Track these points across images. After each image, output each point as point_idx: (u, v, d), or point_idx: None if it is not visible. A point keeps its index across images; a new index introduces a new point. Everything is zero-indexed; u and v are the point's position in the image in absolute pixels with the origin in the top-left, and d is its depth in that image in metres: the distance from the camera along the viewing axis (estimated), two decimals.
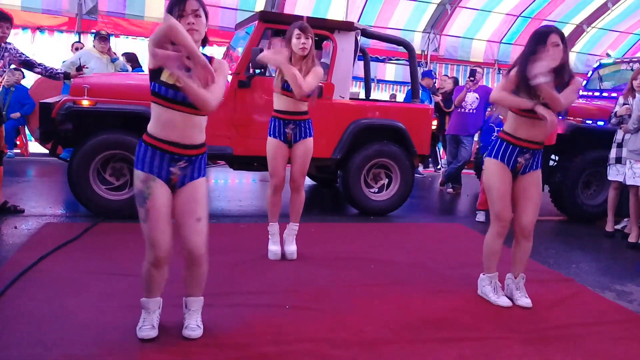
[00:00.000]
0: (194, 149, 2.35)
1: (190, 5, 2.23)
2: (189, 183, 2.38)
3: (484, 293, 3.27)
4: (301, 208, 3.86)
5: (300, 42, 3.49)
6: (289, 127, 3.69)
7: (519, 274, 3.24)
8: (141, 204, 2.29)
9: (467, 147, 7.01)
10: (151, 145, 2.28)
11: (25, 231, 4.17)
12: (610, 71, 7.22)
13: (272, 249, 3.85)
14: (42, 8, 8.38)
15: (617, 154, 5.08)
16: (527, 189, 3.09)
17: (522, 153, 3.03)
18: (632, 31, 11.59)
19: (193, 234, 2.39)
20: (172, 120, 2.26)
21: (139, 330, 2.45)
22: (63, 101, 4.53)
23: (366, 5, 9.88)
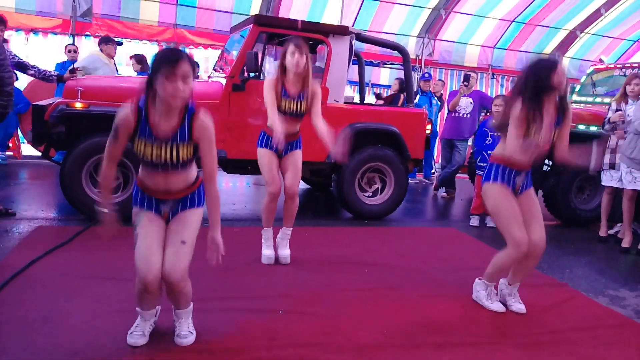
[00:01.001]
0: (183, 192, 2.40)
1: (182, 69, 2.09)
2: (182, 212, 2.42)
3: (478, 298, 3.26)
4: (295, 213, 3.86)
5: (294, 60, 3.47)
6: (288, 144, 3.70)
7: (514, 282, 3.22)
8: (134, 230, 2.36)
9: (461, 151, 7.02)
10: (141, 189, 2.39)
11: (16, 234, 4.13)
12: (604, 77, 7.26)
13: (265, 253, 3.84)
14: (36, 10, 8.33)
15: (610, 160, 5.10)
16: (530, 207, 3.06)
17: (518, 174, 3.04)
18: (625, 37, 11.66)
19: (171, 255, 2.32)
20: (155, 177, 2.34)
21: (130, 335, 2.44)
22: (56, 104, 4.50)
23: (361, 9, 9.89)
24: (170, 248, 2.34)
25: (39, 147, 5.00)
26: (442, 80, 8.97)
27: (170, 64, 2.08)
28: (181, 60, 2.09)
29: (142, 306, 2.45)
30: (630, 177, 4.75)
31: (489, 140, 5.48)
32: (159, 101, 2.19)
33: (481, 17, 10.60)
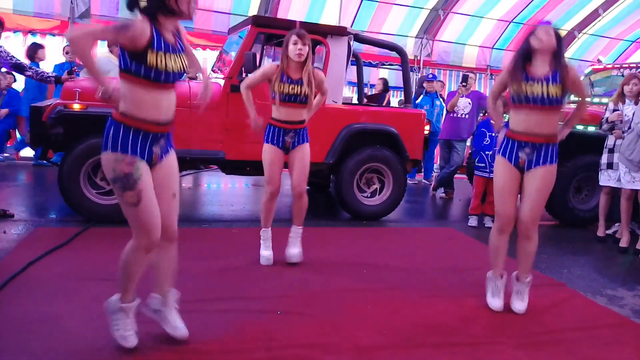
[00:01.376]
0: (170, 125, 2.35)
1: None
2: (166, 158, 2.37)
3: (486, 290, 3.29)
4: (304, 212, 3.84)
5: (296, 49, 3.50)
6: (289, 135, 3.70)
7: (521, 275, 3.20)
8: (131, 187, 2.19)
9: (459, 152, 7.03)
10: (132, 127, 2.20)
11: (14, 236, 4.13)
12: (602, 77, 7.28)
13: (264, 254, 3.83)
14: (34, 11, 8.33)
15: (608, 160, 5.10)
16: (529, 185, 3.04)
17: (521, 147, 3.01)
18: (623, 37, 11.69)
19: (171, 212, 2.39)
20: (158, 100, 2.25)
21: (125, 339, 2.35)
22: (54, 105, 4.50)
23: (359, 10, 9.91)
24: (166, 202, 2.35)
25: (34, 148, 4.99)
26: (441, 81, 8.97)
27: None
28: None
29: (128, 292, 2.36)
30: (629, 176, 4.76)
31: (487, 140, 5.49)
32: (164, 16, 2.26)
33: (479, 17, 10.63)
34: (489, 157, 5.46)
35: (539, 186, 3.02)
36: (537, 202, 3.06)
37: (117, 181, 2.21)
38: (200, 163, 5.20)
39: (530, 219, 3.07)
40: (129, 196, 2.21)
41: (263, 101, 5.00)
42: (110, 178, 2.24)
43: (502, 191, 3.10)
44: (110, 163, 2.21)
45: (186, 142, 4.86)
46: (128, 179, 2.19)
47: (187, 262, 3.65)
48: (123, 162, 2.19)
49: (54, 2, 8.43)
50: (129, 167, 2.20)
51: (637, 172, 4.67)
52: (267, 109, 3.75)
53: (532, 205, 3.05)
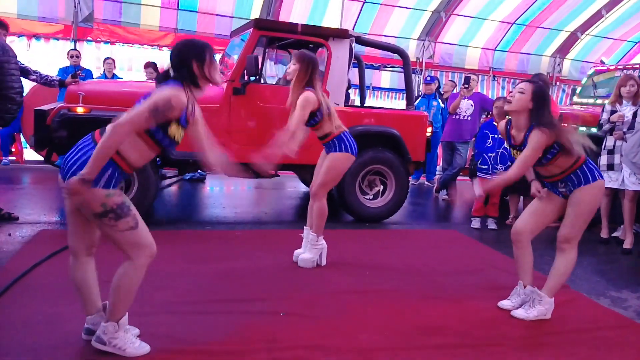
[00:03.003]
0: None
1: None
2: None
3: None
4: (317, 218, 3.85)
5: (287, 68, 3.68)
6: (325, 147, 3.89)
7: (527, 284, 3.21)
8: (126, 214, 2.27)
9: (462, 153, 7.02)
10: (124, 170, 2.30)
11: (19, 238, 4.15)
12: (605, 78, 7.26)
13: (296, 252, 3.95)
14: (38, 16, 8.38)
15: (608, 161, 5.09)
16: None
17: (552, 186, 3.10)
18: (626, 38, 11.65)
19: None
20: (152, 156, 2.41)
21: (137, 349, 2.36)
22: (58, 108, 4.52)
23: (361, 12, 9.92)
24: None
25: (42, 152, 5.03)
26: (453, 81, 8.96)
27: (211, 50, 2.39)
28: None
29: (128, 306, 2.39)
30: (634, 178, 4.74)
31: (489, 142, 5.49)
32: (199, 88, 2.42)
33: (482, 19, 10.62)
34: (492, 158, 5.46)
35: (572, 208, 3.05)
36: (571, 219, 3.08)
37: (109, 213, 2.23)
38: (203, 166, 5.21)
39: (562, 234, 3.12)
40: (125, 222, 2.27)
41: (264, 103, 5.04)
42: (97, 213, 2.22)
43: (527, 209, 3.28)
44: (100, 199, 2.21)
45: (189, 145, 4.86)
46: (122, 208, 2.26)
47: (190, 265, 3.68)
48: (114, 195, 2.26)
49: (58, 7, 8.48)
50: (119, 198, 2.27)
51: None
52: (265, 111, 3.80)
53: (567, 222, 3.10)
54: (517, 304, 3.20)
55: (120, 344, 2.33)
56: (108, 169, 2.23)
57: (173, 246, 4.11)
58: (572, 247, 3.10)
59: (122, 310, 2.34)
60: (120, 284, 2.31)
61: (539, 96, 2.91)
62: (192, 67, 2.33)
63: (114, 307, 2.32)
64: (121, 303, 2.33)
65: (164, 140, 2.31)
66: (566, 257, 3.10)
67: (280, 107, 4.40)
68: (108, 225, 2.25)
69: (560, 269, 3.12)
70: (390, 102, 10.91)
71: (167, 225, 4.82)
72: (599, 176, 2.99)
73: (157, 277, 3.32)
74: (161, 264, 3.57)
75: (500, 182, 3.12)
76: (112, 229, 2.26)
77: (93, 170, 2.15)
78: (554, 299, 3.14)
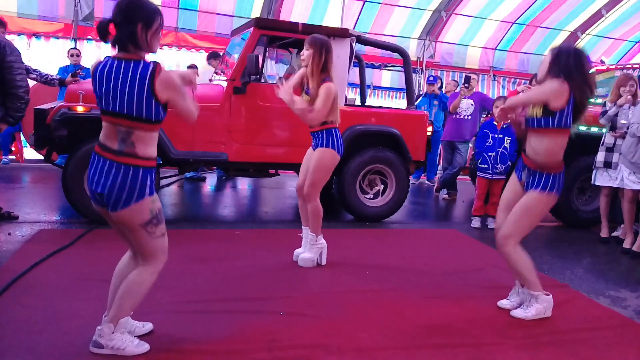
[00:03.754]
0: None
1: None
2: None
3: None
4: (313, 217, 3.82)
5: (300, 55, 3.60)
6: (313, 139, 3.80)
7: (523, 284, 3.18)
8: (161, 221, 2.31)
9: (462, 153, 7.03)
10: (154, 168, 2.30)
11: (19, 237, 4.15)
12: (605, 78, 7.26)
13: (295, 252, 3.93)
14: (38, 14, 8.38)
15: (606, 158, 5.08)
16: (519, 202, 3.04)
17: (523, 167, 3.09)
18: (626, 38, 11.67)
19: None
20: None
21: (137, 346, 2.36)
22: (58, 107, 4.52)
23: (362, 12, 9.93)
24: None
25: (42, 151, 5.03)
26: (456, 80, 8.97)
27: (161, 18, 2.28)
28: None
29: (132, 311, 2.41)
30: (634, 177, 4.73)
31: (489, 142, 5.49)
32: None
33: (482, 19, 10.62)
34: (492, 158, 5.46)
35: (521, 204, 3.02)
36: (513, 218, 3.04)
37: (154, 219, 2.27)
38: (203, 165, 5.22)
39: (502, 234, 3.07)
40: (162, 228, 2.32)
41: (264, 102, 5.04)
42: (145, 221, 2.23)
43: (501, 200, 3.28)
44: (148, 206, 2.24)
45: (189, 144, 4.89)
46: (161, 213, 2.30)
47: (190, 264, 3.68)
48: (157, 200, 2.29)
49: (58, 5, 8.49)
50: (159, 203, 2.30)
51: None
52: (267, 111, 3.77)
53: (510, 219, 3.05)
54: (516, 304, 3.20)
55: (118, 344, 2.32)
56: (147, 177, 2.23)
57: (173, 245, 4.07)
58: (512, 247, 3.04)
59: (126, 313, 2.34)
60: (132, 288, 2.31)
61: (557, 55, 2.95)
62: (137, 29, 2.14)
63: (120, 310, 2.32)
64: (127, 306, 2.33)
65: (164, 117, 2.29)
66: (512, 258, 3.06)
67: (280, 106, 4.40)
68: (147, 232, 2.25)
69: (515, 268, 3.11)
70: (391, 102, 10.92)
71: (167, 225, 4.79)
72: (557, 193, 2.99)
73: (158, 276, 3.32)
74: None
75: (506, 105, 3.06)
76: (150, 235, 2.26)
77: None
78: (551, 296, 3.14)
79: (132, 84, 2.13)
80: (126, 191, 2.17)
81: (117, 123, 2.19)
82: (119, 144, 2.19)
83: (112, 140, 2.21)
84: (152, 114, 2.18)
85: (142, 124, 2.19)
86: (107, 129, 2.23)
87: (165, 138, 4.73)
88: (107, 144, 2.21)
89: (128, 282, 2.32)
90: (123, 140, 2.20)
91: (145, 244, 2.29)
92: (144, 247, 2.30)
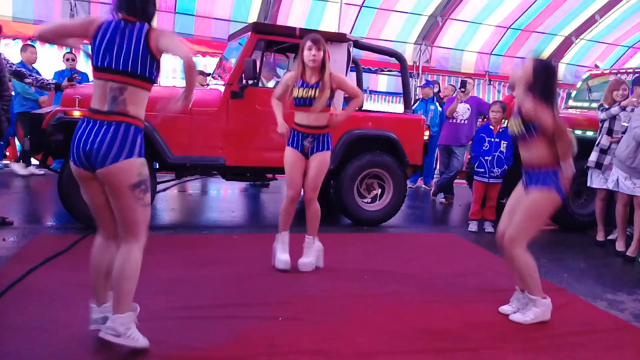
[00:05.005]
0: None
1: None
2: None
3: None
4: (316, 220, 3.85)
5: (311, 54, 3.55)
6: (307, 139, 3.71)
7: (523, 289, 3.19)
8: (148, 189, 2.33)
9: (459, 157, 7.04)
10: (143, 130, 2.36)
11: (14, 243, 4.12)
12: (599, 82, 7.31)
13: (282, 258, 3.79)
14: (34, 18, 8.35)
15: (598, 159, 5.12)
16: (521, 205, 3.10)
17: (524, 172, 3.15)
18: (620, 43, 11.74)
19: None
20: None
21: (138, 340, 2.35)
22: (54, 112, 4.50)
23: (358, 17, 9.94)
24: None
25: (37, 156, 5.01)
26: (452, 85, 8.99)
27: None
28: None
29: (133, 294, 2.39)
30: (629, 182, 4.75)
31: (486, 146, 5.51)
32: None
33: (477, 24, 10.67)
34: (488, 162, 5.48)
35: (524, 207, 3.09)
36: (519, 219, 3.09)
37: (142, 184, 2.28)
38: (200, 169, 5.20)
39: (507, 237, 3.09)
40: (148, 197, 2.33)
41: (262, 107, 5.03)
42: (133, 183, 2.25)
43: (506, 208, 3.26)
44: (137, 167, 2.27)
45: (186, 148, 4.87)
46: (149, 180, 2.32)
47: (188, 269, 3.67)
48: (146, 165, 2.31)
49: (54, 9, 8.47)
50: (147, 169, 2.33)
51: (639, 178, 4.67)
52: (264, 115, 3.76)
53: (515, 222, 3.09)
54: (516, 309, 3.20)
55: (135, 334, 2.33)
56: (137, 136, 2.27)
57: (171, 251, 4.10)
58: (519, 249, 3.04)
59: (131, 297, 2.33)
60: (127, 272, 2.29)
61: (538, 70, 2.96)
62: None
63: (123, 296, 2.29)
64: (129, 290, 2.31)
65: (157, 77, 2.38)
66: (517, 262, 3.07)
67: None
68: (136, 199, 2.26)
69: (520, 272, 3.11)
70: (387, 106, 10.94)
71: (164, 230, 4.80)
72: (558, 192, 3.00)
73: (155, 282, 3.31)
74: (159, 269, 3.57)
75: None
76: (137, 202, 2.27)
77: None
78: (549, 300, 3.13)
79: (130, 41, 2.24)
80: (116, 146, 2.20)
81: (111, 79, 2.24)
82: (108, 104, 2.24)
83: (102, 103, 2.26)
84: (147, 71, 2.27)
85: (136, 81, 2.25)
86: (99, 89, 2.27)
87: (162, 142, 4.72)
88: (97, 107, 2.27)
89: (120, 267, 2.29)
90: (114, 99, 2.24)
91: (132, 212, 2.28)
92: (131, 216, 2.28)
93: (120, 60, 2.22)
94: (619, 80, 5.20)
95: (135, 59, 2.24)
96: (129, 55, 2.23)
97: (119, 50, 2.23)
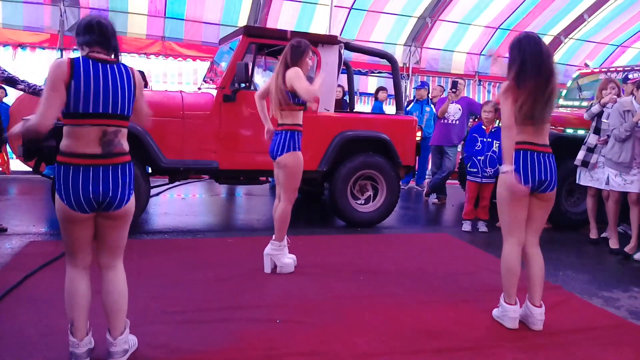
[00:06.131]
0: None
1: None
2: None
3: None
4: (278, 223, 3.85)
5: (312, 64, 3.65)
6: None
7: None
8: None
9: (451, 157, 7.07)
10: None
11: (8, 250, 4.09)
12: (589, 81, 7.38)
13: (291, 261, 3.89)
14: (24, 25, 8.30)
15: (585, 157, 5.18)
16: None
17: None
18: (609, 41, 11.87)
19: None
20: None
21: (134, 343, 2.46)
22: None
23: (348, 19, 9.98)
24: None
25: (30, 162, 4.97)
26: (442, 86, 9.04)
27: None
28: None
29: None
30: (620, 179, 4.79)
31: (478, 146, 5.54)
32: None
33: (467, 24, 10.73)
34: (481, 162, 5.51)
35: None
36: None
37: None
38: (193, 173, 5.19)
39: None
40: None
41: (255, 110, 5.02)
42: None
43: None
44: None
45: (179, 152, 4.86)
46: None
47: (183, 273, 3.65)
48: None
49: (44, 16, 8.42)
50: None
51: (629, 173, 4.70)
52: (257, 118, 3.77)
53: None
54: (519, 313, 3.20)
55: (132, 342, 2.45)
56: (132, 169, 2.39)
57: (165, 255, 4.08)
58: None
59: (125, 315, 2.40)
60: (123, 290, 2.40)
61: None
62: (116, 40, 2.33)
63: (123, 314, 2.38)
64: (126, 308, 2.39)
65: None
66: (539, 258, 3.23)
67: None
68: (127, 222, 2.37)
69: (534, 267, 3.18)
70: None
71: (158, 234, 4.78)
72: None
73: (152, 286, 3.30)
74: (155, 274, 3.56)
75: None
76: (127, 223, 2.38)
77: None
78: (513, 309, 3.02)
79: (122, 85, 2.23)
80: (127, 185, 2.28)
81: (106, 124, 2.18)
82: (104, 147, 2.17)
83: (93, 147, 2.16)
84: (131, 110, 2.31)
85: (128, 122, 2.31)
86: (89, 134, 2.15)
87: (155, 147, 4.70)
88: (90, 152, 2.15)
89: (118, 290, 2.38)
90: (109, 142, 2.19)
91: (126, 236, 2.39)
92: (122, 242, 2.39)
93: (117, 105, 2.20)
94: (607, 79, 5.27)
95: (130, 103, 2.27)
96: (125, 100, 2.23)
97: (114, 95, 2.18)
